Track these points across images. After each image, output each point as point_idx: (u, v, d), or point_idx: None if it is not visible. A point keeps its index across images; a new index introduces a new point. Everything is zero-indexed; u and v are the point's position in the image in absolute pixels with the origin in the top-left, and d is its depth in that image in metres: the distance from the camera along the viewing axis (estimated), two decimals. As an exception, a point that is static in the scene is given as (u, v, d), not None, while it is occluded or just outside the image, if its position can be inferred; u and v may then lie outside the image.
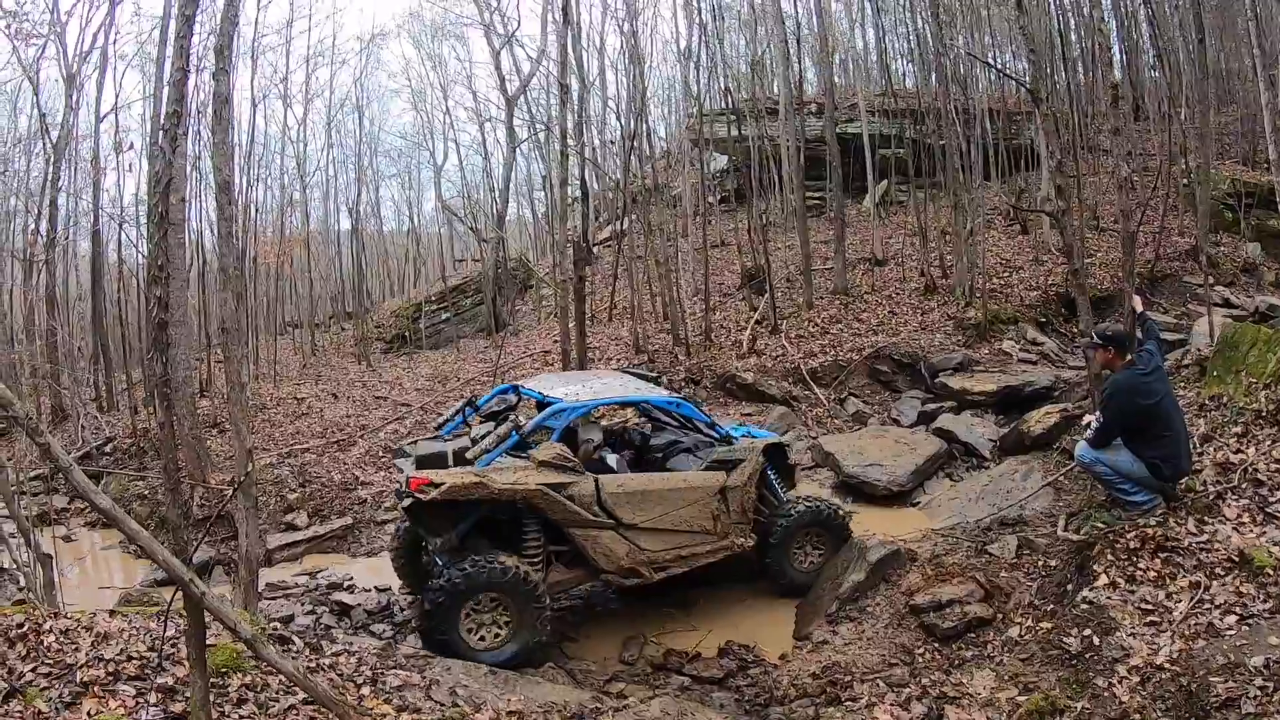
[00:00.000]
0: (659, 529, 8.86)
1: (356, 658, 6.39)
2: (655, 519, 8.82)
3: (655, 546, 8.87)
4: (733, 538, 9.30)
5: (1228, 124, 28.57)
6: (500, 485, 8.09)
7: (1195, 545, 6.56)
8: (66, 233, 25.11)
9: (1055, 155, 12.07)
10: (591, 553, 8.57)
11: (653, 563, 8.87)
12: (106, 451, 16.98)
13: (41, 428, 3.88)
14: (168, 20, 15.50)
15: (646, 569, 8.83)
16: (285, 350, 30.52)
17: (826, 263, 23.37)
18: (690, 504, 9.02)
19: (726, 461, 9.32)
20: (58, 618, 5.70)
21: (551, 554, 8.74)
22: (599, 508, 8.53)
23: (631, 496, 8.72)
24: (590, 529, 8.51)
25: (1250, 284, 21.17)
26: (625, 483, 8.82)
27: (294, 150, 33.12)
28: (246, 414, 8.27)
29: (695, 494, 9.05)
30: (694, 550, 9.11)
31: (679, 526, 8.98)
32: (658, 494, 8.88)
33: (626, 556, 8.70)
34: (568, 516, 8.37)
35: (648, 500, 8.80)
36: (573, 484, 8.42)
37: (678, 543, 9.01)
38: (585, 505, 8.44)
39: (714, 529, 9.17)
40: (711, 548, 9.21)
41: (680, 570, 9.12)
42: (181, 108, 4.96)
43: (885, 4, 31.26)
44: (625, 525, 8.65)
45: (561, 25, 17.86)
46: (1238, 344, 9.62)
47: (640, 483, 8.92)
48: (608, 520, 8.57)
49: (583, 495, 8.44)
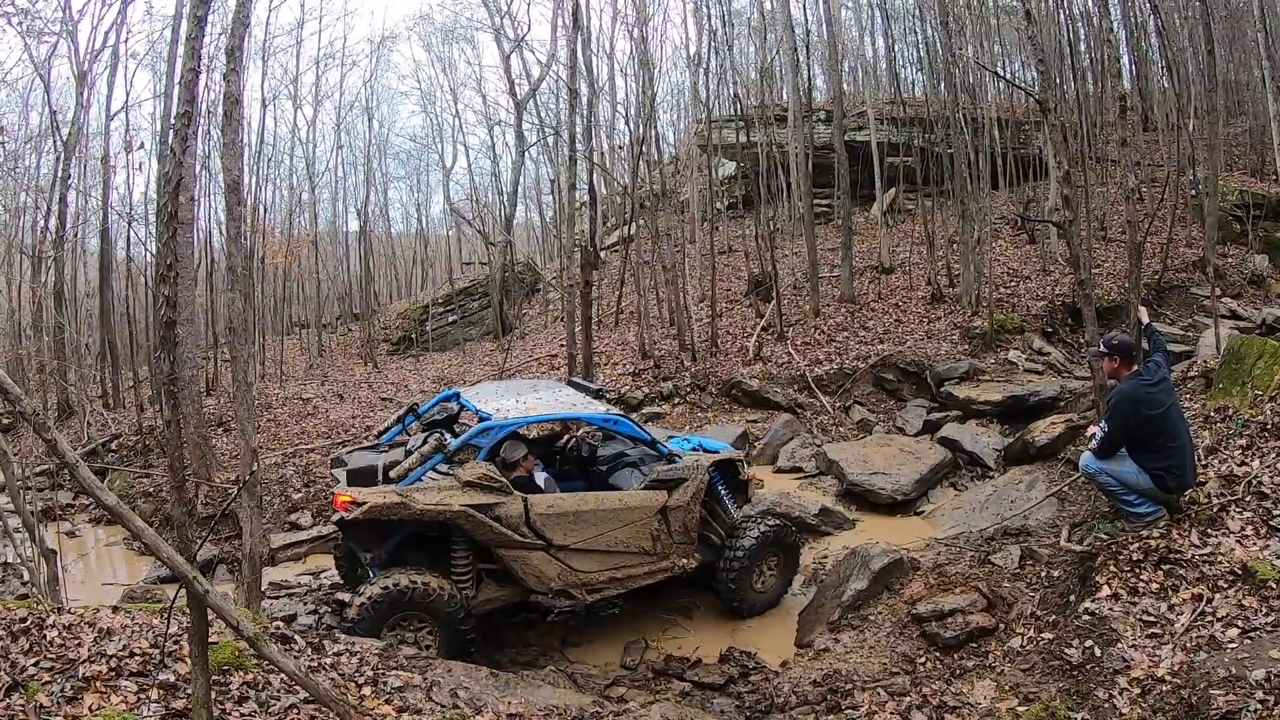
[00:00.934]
0: (593, 550, 8.72)
1: (358, 658, 6.40)
2: (589, 540, 8.67)
3: (588, 568, 8.71)
4: (674, 558, 9.17)
5: (1237, 135, 28.55)
6: (423, 506, 7.95)
7: (1198, 557, 6.55)
8: (76, 230, 25.23)
9: (1063, 165, 12.07)
10: (521, 574, 8.42)
11: (586, 584, 8.70)
12: (112, 448, 17.02)
13: (48, 423, 3.90)
14: (179, 20, 15.53)
15: (579, 591, 8.67)
16: (292, 350, 30.59)
17: (833, 270, 23.40)
18: (627, 524, 8.86)
19: (667, 480, 9.15)
20: (61, 613, 5.72)
21: (482, 572, 8.59)
22: (527, 528, 8.36)
23: (563, 517, 8.53)
24: (519, 549, 8.36)
25: (1258, 296, 21.14)
26: (556, 503, 8.61)
27: (303, 151, 33.37)
28: (252, 413, 8.28)
29: (633, 514, 8.89)
30: (631, 571, 8.96)
31: (615, 547, 8.83)
32: (591, 514, 8.69)
33: (558, 578, 8.55)
34: (495, 538, 8.21)
35: (580, 521, 8.62)
36: (500, 504, 8.21)
37: (614, 563, 8.86)
38: (513, 526, 8.25)
39: (653, 549, 9.03)
40: (650, 569, 9.07)
41: (616, 592, 8.99)
42: (192, 108, 4.97)
43: (895, 12, 31.33)
44: (556, 546, 8.50)
45: (571, 30, 17.95)
46: (1244, 356, 9.60)
47: (573, 503, 8.70)
48: (538, 541, 8.42)
49: (510, 516, 8.24)
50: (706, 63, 25.53)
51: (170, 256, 4.83)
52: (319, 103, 33.97)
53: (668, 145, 39.80)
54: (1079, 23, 28.45)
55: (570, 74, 17.74)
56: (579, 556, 8.61)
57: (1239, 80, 29.41)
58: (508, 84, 31.96)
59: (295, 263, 33.28)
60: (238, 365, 8.75)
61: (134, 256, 24.68)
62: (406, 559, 8.32)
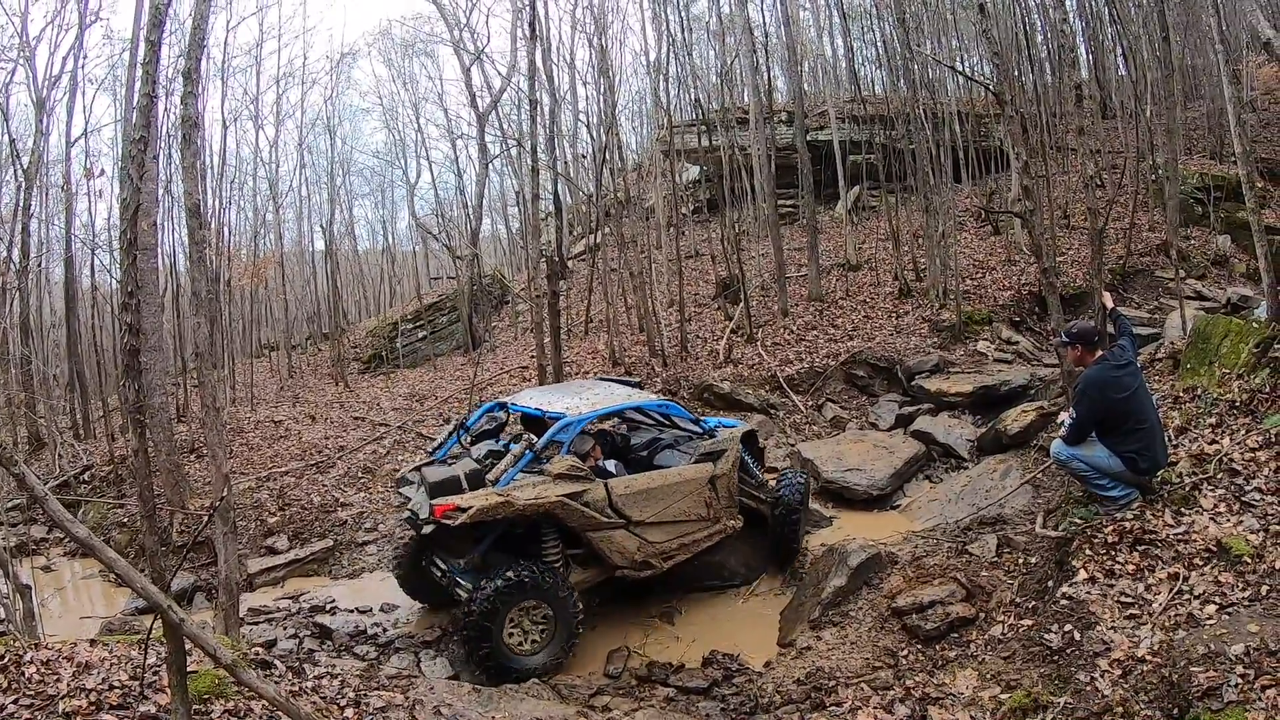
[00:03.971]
0: (663, 521, 9.57)
1: (339, 680, 6.37)
2: (659, 513, 9.52)
3: (661, 538, 9.56)
4: (724, 520, 10.18)
5: (1195, 119, 28.86)
6: (524, 501, 8.58)
7: (1173, 537, 6.60)
8: (39, 259, 24.95)
9: (1022, 156, 12.15)
10: (607, 552, 9.18)
11: (661, 553, 9.56)
12: (85, 479, 16.84)
13: (16, 457, 3.86)
14: (137, 44, 15.40)
15: (657, 559, 9.51)
16: (262, 373, 30.39)
17: (801, 270, 23.46)
18: (687, 495, 9.78)
19: (712, 453, 10.21)
20: (38, 648, 5.66)
21: (568, 557, 9.31)
22: (611, 510, 9.17)
23: (638, 496, 9.39)
24: (605, 530, 9.13)
25: (1221, 276, 21.38)
26: (631, 484, 9.44)
27: (266, 171, 33.16)
28: (223, 438, 8.23)
29: (690, 486, 9.82)
30: (694, 536, 9.88)
31: (679, 517, 9.71)
32: (659, 490, 9.57)
33: (638, 551, 9.36)
34: (585, 522, 8.95)
35: (651, 497, 9.48)
36: (586, 491, 8.99)
37: (680, 532, 9.73)
38: (599, 509, 9.05)
39: (708, 515, 9.97)
40: (709, 532, 10.02)
41: (685, 557, 9.83)
42: (148, 134, 4.94)
43: (853, 11, 31.49)
44: (634, 523, 9.33)
45: (530, 41, 17.88)
46: (1210, 336, 9.72)
47: (643, 482, 9.55)
48: (619, 520, 9.21)
49: (597, 500, 9.05)
50: (666, 68, 25.59)
51: (132, 284, 4.80)
52: (281, 122, 34.02)
53: (631, 152, 39.81)
54: (1035, 14, 28.72)
55: (530, 84, 17.68)
56: (653, 529, 9.52)
57: (1195, 65, 29.73)
58: (469, 96, 31.85)
59: (262, 284, 33.09)
60: (206, 390, 8.68)
61: (99, 284, 24.54)
62: (491, 560, 9.08)
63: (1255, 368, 8.62)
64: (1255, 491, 6.80)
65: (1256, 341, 8.91)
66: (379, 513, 14.17)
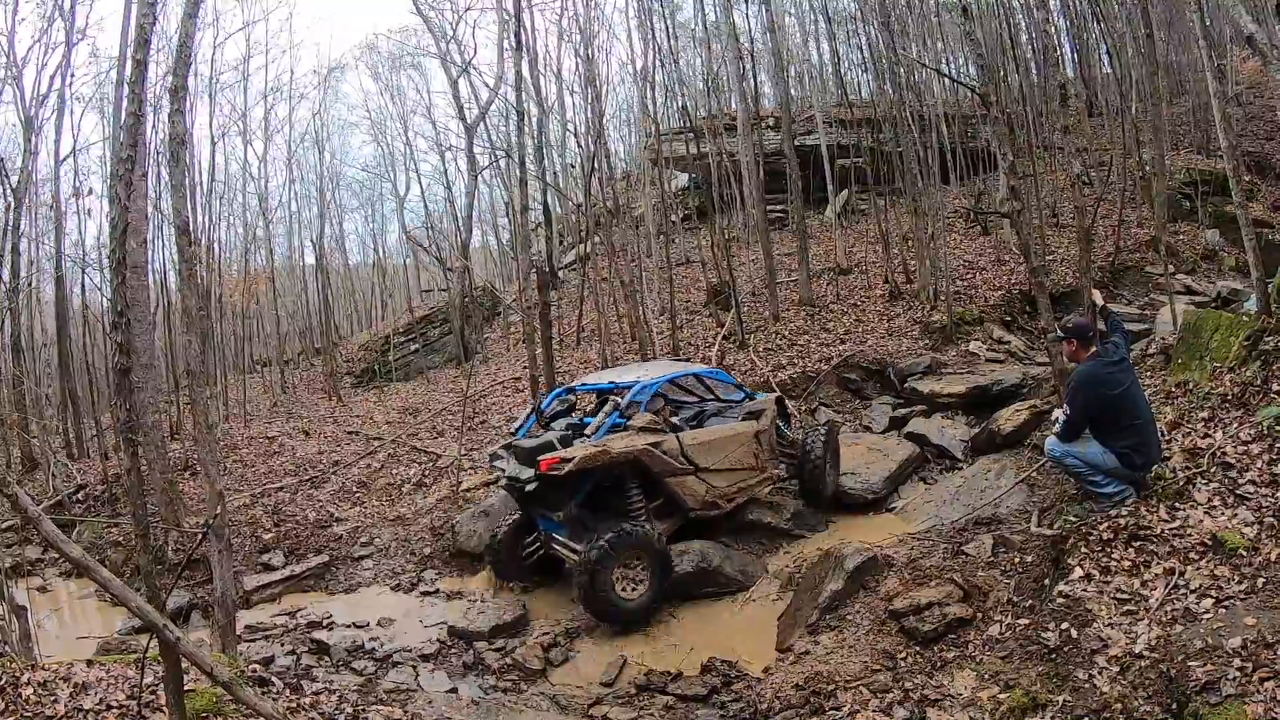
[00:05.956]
0: (723, 469, 11.02)
1: (337, 695, 6.35)
2: (720, 461, 10.98)
3: (723, 484, 11.00)
4: (769, 469, 11.80)
5: (1181, 115, 28.96)
6: (619, 449, 9.89)
7: (1168, 532, 6.61)
8: (30, 279, 24.89)
9: (1008, 156, 12.18)
10: (681, 494, 10.58)
11: (724, 496, 11.01)
12: (79, 499, 16.80)
13: (9, 478, 3.85)
14: (124, 62, 15.39)
15: (721, 500, 10.97)
16: (255, 389, 30.35)
17: (791, 275, 23.46)
18: (740, 446, 11.31)
19: (754, 412, 12.05)
20: (35, 669, 5.65)
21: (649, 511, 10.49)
22: (683, 458, 10.57)
23: (703, 446, 10.84)
24: (679, 476, 10.53)
25: (1211, 270, 21.43)
26: (696, 435, 10.98)
27: (256, 186, 33.14)
28: (216, 455, 8.22)
29: (741, 438, 11.37)
30: (748, 482, 11.38)
31: (735, 465, 11.19)
32: (719, 442, 11.07)
33: (706, 494, 10.80)
34: (665, 468, 10.34)
35: (713, 448, 10.94)
36: (664, 442, 10.42)
37: (737, 479, 11.21)
38: (675, 457, 10.47)
39: (756, 464, 11.52)
40: (759, 480, 11.59)
41: (742, 500, 11.35)
42: (135, 152, 4.93)
43: (838, 16, 31.55)
44: (702, 469, 10.76)
45: (515, 52, 17.88)
46: (1201, 330, 9.75)
47: (707, 434, 11.12)
48: (689, 466, 10.63)
49: (672, 450, 10.47)
50: (653, 77, 25.62)
51: (122, 303, 4.79)
52: (269, 137, 33.80)
53: (619, 160, 39.86)
54: (1019, 14, 28.81)
55: (517, 95, 17.68)
56: (716, 475, 10.93)
57: (1180, 61, 29.88)
58: (457, 109, 31.81)
59: (254, 300, 33.08)
60: (199, 407, 8.67)
61: (90, 303, 24.46)
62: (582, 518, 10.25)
63: (1246, 361, 8.63)
64: (1249, 484, 6.82)
65: (1247, 334, 8.92)
66: (374, 527, 14.16)
